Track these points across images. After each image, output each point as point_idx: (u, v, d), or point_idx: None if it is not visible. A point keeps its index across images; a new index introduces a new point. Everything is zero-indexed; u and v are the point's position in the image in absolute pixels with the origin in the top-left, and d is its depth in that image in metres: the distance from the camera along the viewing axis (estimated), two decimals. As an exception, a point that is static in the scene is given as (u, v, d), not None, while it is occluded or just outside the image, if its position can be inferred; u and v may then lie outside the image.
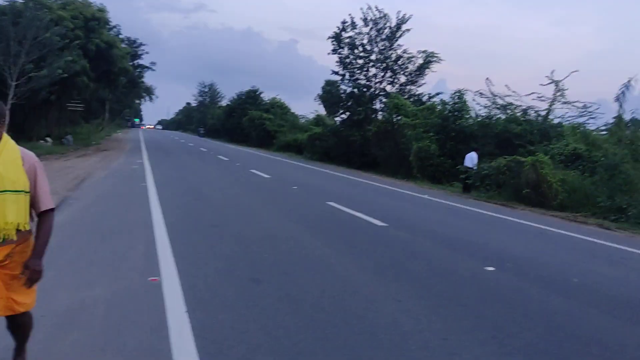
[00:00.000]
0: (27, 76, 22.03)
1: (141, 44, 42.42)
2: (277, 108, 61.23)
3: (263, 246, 7.21)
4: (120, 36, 35.37)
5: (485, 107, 24.65)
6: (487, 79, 23.61)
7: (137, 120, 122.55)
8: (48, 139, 28.43)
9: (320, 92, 43.73)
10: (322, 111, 48.70)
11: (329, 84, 39.12)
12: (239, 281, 5.46)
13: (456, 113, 25.27)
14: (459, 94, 25.65)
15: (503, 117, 24.04)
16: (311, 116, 50.44)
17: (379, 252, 7.25)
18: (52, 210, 2.99)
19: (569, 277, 6.63)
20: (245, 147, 51.49)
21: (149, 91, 70.55)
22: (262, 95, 67.47)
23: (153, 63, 44.34)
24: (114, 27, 33.01)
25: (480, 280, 6.14)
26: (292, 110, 62.07)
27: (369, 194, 15.78)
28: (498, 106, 24.35)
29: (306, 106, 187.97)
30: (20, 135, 28.10)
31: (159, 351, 3.65)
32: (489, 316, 4.85)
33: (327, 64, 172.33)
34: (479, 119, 24.89)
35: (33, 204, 2.91)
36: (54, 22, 23.94)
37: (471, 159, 19.54)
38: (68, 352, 3.59)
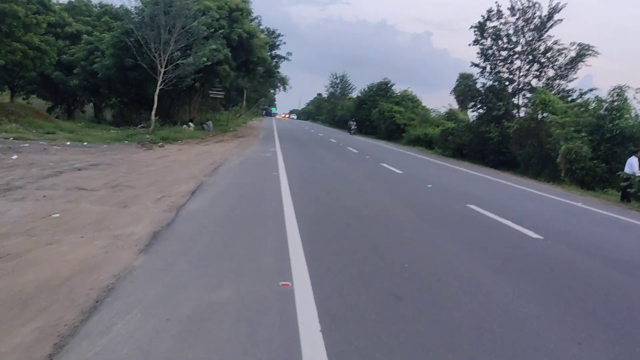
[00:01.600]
0: (174, 63, 23.22)
1: (279, 35, 43.30)
2: (408, 101, 59.82)
3: (402, 253, 6.46)
4: (261, 27, 36.33)
5: (648, 106, 21.78)
6: (655, 74, 20.57)
7: (274, 109, 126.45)
8: (190, 124, 30.02)
9: (454, 85, 41.74)
10: (455, 105, 46.68)
11: (464, 77, 37.12)
12: (378, 296, 4.76)
13: (614, 112, 22.44)
14: (619, 91, 22.78)
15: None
16: (443, 110, 48.58)
17: (540, 273, 6.16)
18: None
19: None
20: (373, 139, 50.90)
21: (283, 81, 72.40)
22: (393, 88, 66.43)
23: (289, 53, 45.33)
24: (255, 18, 33.98)
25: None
26: (424, 104, 60.37)
27: (513, 198, 14.31)
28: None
29: (438, 100, 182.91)
30: (167, 119, 30.02)
31: (291, 384, 3.06)
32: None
33: (462, 57, 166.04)
34: (640, 120, 21.98)
35: None
36: (201, 12, 24.99)
37: (630, 165, 17.17)
38: (190, 372, 3.13)
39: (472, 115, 37.57)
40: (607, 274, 6.54)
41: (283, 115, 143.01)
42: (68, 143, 16.62)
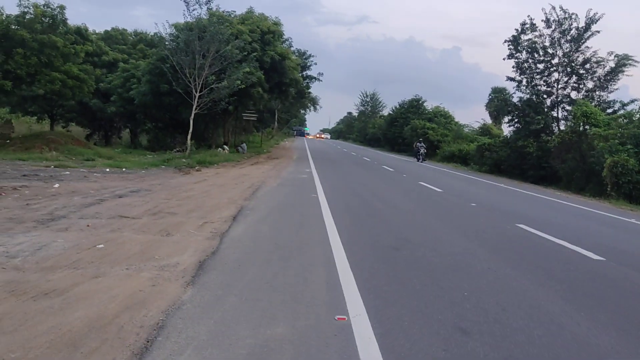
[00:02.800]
0: (209, 87, 23.40)
1: (310, 55, 43.42)
2: (441, 117, 59.40)
3: (457, 279, 6.10)
4: (292, 48, 36.46)
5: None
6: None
7: (307, 130, 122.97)
8: (225, 146, 30.19)
9: (486, 100, 41.14)
10: (488, 120, 45.99)
11: (497, 91, 36.56)
12: (442, 329, 4.43)
13: (661, 122, 21.64)
14: (665, 100, 21.98)
15: None
16: (476, 125, 47.99)
17: (609, 299, 5.71)
18: None
19: None
20: (406, 156, 50.38)
21: (314, 101, 72.75)
22: (425, 104, 66.01)
23: (320, 74, 45.12)
24: (287, 39, 34.12)
25: None
26: (456, 120, 59.78)
27: (562, 215, 13.72)
28: None
29: (471, 115, 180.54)
30: (202, 142, 30.28)
31: None
32: None
33: (493, 71, 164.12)
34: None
35: None
36: (234, 36, 25.21)
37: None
38: None
39: (507, 130, 36.85)
40: (684, 299, 6.04)
41: (315, 135, 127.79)
42: (107, 170, 16.78)
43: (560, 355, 4.02)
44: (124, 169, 17.36)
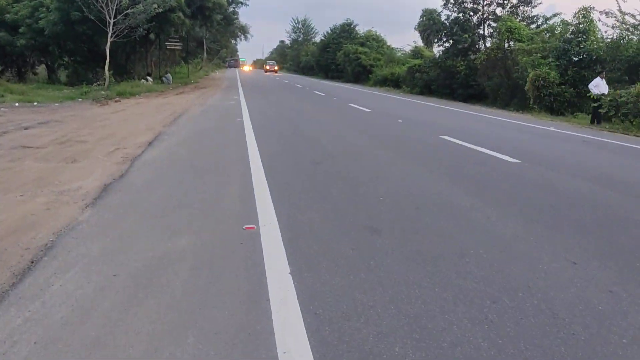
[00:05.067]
0: (124, 13, 21.80)
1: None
2: (373, 41, 58.66)
3: (377, 187, 6.03)
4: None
5: (612, 27, 21.53)
6: (617, -7, 20.23)
7: (243, 60, 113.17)
8: (149, 77, 28.72)
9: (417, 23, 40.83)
10: (420, 42, 45.93)
11: (428, 12, 36.27)
12: (353, 230, 4.35)
13: (580, 35, 22.09)
14: (584, 13, 22.37)
15: (635, 39, 20.75)
16: (408, 49, 47.87)
17: (521, 195, 5.82)
18: None
19: None
20: (340, 82, 49.99)
21: (244, 30, 69.85)
22: (357, 29, 64.98)
23: (247, -3, 42.87)
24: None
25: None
26: (389, 44, 59.32)
27: (485, 127, 13.97)
28: (628, 27, 21.11)
29: (404, 39, 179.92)
30: (124, 75, 28.61)
31: (257, 334, 2.63)
32: None
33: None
34: (607, 41, 21.70)
35: None
36: (148, -44, 23.31)
37: (597, 86, 17.01)
38: (138, 330, 2.66)
39: (438, 50, 36.94)
40: (589, 190, 6.27)
41: (263, 67, 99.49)
42: (17, 104, 15.55)
43: (466, 244, 4.03)
44: (35, 103, 16.15)
